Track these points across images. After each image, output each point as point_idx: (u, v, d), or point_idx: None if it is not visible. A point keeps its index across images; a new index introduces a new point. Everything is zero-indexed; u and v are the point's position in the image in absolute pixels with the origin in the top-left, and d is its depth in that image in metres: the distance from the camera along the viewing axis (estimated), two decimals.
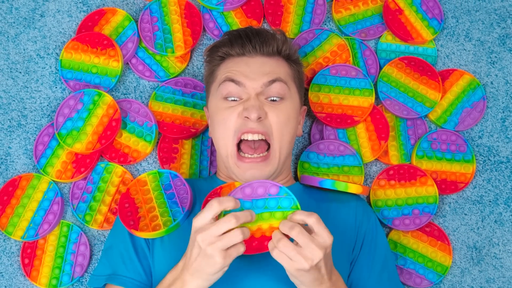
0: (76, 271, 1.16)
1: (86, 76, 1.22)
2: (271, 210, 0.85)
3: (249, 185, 0.87)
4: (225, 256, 0.80)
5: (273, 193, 0.86)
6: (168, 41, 1.24)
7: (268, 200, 0.86)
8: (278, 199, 0.86)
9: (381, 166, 1.24)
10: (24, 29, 1.26)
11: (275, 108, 1.00)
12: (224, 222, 0.80)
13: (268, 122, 1.00)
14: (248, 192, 0.87)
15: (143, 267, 0.99)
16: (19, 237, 1.15)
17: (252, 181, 0.87)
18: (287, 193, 0.86)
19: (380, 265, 1.03)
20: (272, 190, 0.86)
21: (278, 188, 0.86)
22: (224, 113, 1.01)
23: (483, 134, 1.26)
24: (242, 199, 0.86)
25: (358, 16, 1.29)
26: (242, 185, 0.87)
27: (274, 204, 0.86)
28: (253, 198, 0.86)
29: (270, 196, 0.86)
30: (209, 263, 0.81)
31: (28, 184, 1.18)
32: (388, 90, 1.24)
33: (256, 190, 0.87)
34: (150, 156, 1.23)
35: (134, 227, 0.99)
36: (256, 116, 0.97)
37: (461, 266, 1.21)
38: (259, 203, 0.86)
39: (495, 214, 1.23)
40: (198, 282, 0.84)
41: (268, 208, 0.86)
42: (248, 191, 0.87)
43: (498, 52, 1.29)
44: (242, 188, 0.87)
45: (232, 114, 1.00)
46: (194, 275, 0.84)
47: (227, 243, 0.79)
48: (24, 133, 1.22)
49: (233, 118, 1.00)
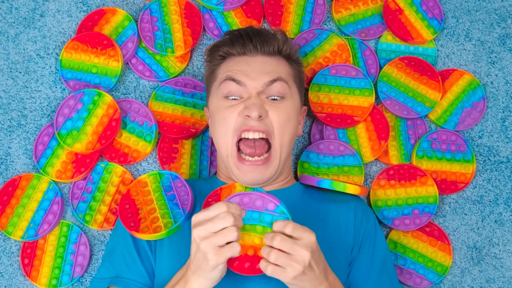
0: (76, 271, 1.16)
1: (86, 76, 1.22)
2: (265, 225, 0.86)
3: (248, 195, 0.87)
4: (217, 252, 0.80)
5: (270, 208, 0.87)
6: (168, 41, 1.24)
7: (264, 214, 0.86)
8: (273, 216, 0.86)
9: (381, 166, 1.24)
10: (24, 29, 1.26)
11: (276, 107, 1.00)
12: (221, 219, 0.80)
13: (269, 120, 1.00)
14: (246, 202, 0.87)
15: (146, 269, 0.99)
16: (19, 237, 1.15)
17: (252, 192, 0.87)
18: (283, 211, 0.86)
19: (379, 266, 1.03)
20: (269, 206, 0.87)
21: (275, 205, 0.87)
22: (224, 112, 1.01)
23: (483, 134, 1.26)
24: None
25: (358, 16, 1.28)
26: (241, 193, 0.87)
27: (269, 219, 0.86)
28: (249, 209, 0.87)
29: (266, 211, 0.86)
30: (204, 259, 0.81)
31: (28, 184, 1.18)
32: (388, 90, 1.24)
33: (254, 202, 0.87)
34: (150, 156, 1.22)
35: (135, 229, 0.99)
36: (257, 114, 0.97)
37: (461, 266, 1.21)
38: (254, 215, 0.87)
39: (495, 214, 1.22)
40: (200, 281, 0.84)
41: (262, 222, 0.86)
42: (246, 200, 0.87)
43: (498, 52, 1.29)
44: (241, 196, 0.87)
45: (233, 113, 1.00)
46: (195, 273, 0.84)
47: (221, 239, 0.80)
48: (24, 133, 1.22)
49: (233, 116, 1.00)
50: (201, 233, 0.80)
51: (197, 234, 0.81)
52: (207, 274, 0.82)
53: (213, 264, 0.81)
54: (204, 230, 0.80)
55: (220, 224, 0.80)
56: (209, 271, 0.82)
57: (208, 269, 0.82)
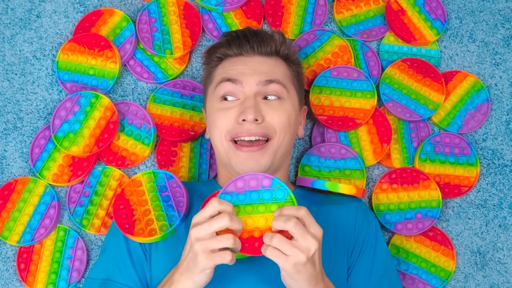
0: (73, 276, 1.15)
1: (83, 78, 1.21)
2: (266, 202, 0.86)
3: (241, 178, 0.87)
4: (208, 256, 0.80)
5: (266, 185, 0.87)
6: (166, 42, 1.23)
7: (262, 192, 0.86)
8: (272, 190, 0.87)
9: (383, 170, 1.24)
10: (20, 30, 1.25)
11: (275, 108, 1.01)
12: (217, 219, 0.80)
13: (269, 123, 1.00)
14: (241, 185, 0.87)
15: (138, 273, 0.99)
16: (15, 242, 1.14)
17: (243, 174, 0.88)
18: (280, 184, 0.87)
19: (380, 271, 1.02)
20: (265, 182, 0.87)
21: (271, 180, 0.87)
22: (219, 114, 1.01)
23: (487, 137, 1.25)
24: (235, 192, 0.87)
25: (360, 17, 1.28)
26: (234, 179, 0.87)
27: (268, 196, 0.86)
28: (246, 190, 0.87)
29: (263, 188, 0.87)
30: (194, 261, 0.81)
31: (24, 187, 1.17)
32: (391, 92, 1.23)
33: (249, 183, 0.87)
34: (148, 159, 1.22)
35: (130, 231, 0.99)
36: (253, 117, 0.97)
37: (465, 271, 1.20)
38: (253, 195, 0.86)
39: (500, 218, 1.22)
40: (186, 283, 0.83)
41: (263, 200, 0.86)
42: (240, 184, 0.87)
43: (503, 53, 1.28)
44: (234, 181, 0.87)
45: (227, 115, 1.00)
46: (183, 275, 0.84)
47: (215, 244, 0.80)
48: (20, 136, 1.21)
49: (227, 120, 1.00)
50: (198, 234, 0.81)
51: (194, 235, 0.81)
52: (194, 276, 0.82)
53: (201, 267, 0.81)
54: (201, 231, 0.81)
55: (216, 225, 0.80)
56: (196, 273, 0.82)
57: (195, 271, 0.81)
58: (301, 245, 0.79)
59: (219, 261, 0.80)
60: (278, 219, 0.81)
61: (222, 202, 0.82)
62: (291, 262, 0.79)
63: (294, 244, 0.79)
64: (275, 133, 1.00)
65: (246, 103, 0.99)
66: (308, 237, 0.79)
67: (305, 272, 0.81)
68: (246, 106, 0.98)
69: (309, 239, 0.79)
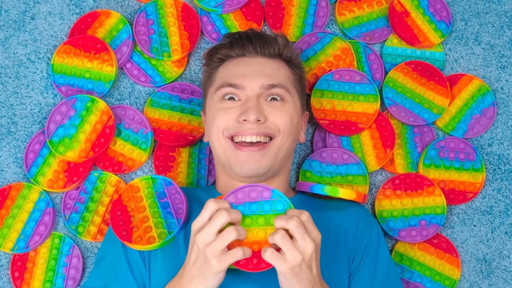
0: (69, 285, 1.14)
1: (79, 81, 1.21)
2: (266, 214, 0.86)
3: (240, 189, 0.88)
4: (219, 259, 0.81)
5: (266, 196, 0.87)
6: (164, 44, 1.22)
7: (262, 203, 0.87)
8: (271, 202, 0.87)
9: (387, 175, 1.23)
10: (14, 32, 1.25)
11: (278, 109, 1.01)
12: (216, 218, 0.82)
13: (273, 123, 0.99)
14: (241, 197, 0.88)
15: (137, 282, 0.98)
16: (8, 249, 1.14)
17: (243, 186, 0.88)
18: (280, 196, 0.87)
19: (381, 278, 1.01)
20: (265, 194, 0.88)
21: (271, 191, 0.88)
22: (219, 112, 1.01)
23: (493, 141, 1.24)
24: (234, 204, 0.87)
25: (363, 19, 1.27)
26: (233, 190, 0.88)
27: (268, 208, 0.87)
28: (246, 201, 0.87)
29: (263, 199, 0.88)
30: (205, 266, 0.82)
31: (18, 194, 1.17)
32: (394, 95, 1.22)
33: (249, 194, 0.88)
34: (146, 165, 1.21)
35: (127, 239, 0.98)
36: (255, 118, 0.97)
37: (470, 279, 1.19)
38: (252, 206, 0.87)
39: (506, 225, 1.21)
40: None
41: (262, 211, 0.87)
42: (240, 195, 0.88)
43: (509, 56, 1.28)
44: (234, 193, 0.88)
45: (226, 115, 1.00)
46: (192, 282, 0.83)
47: (222, 243, 0.81)
48: (14, 141, 1.21)
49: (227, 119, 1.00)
50: (204, 239, 0.81)
51: (201, 241, 0.81)
52: (206, 281, 0.82)
53: (216, 271, 0.81)
54: (206, 234, 0.81)
55: (217, 223, 0.81)
56: (209, 278, 0.82)
57: (209, 275, 0.82)
58: (299, 245, 0.81)
59: (232, 259, 0.81)
60: (281, 217, 0.83)
61: (218, 201, 0.83)
62: (288, 265, 0.80)
63: (293, 244, 0.81)
64: (279, 132, 1.00)
65: (248, 103, 0.99)
66: (307, 238, 0.81)
67: (301, 275, 0.82)
68: (248, 106, 0.98)
69: (308, 240, 0.81)
